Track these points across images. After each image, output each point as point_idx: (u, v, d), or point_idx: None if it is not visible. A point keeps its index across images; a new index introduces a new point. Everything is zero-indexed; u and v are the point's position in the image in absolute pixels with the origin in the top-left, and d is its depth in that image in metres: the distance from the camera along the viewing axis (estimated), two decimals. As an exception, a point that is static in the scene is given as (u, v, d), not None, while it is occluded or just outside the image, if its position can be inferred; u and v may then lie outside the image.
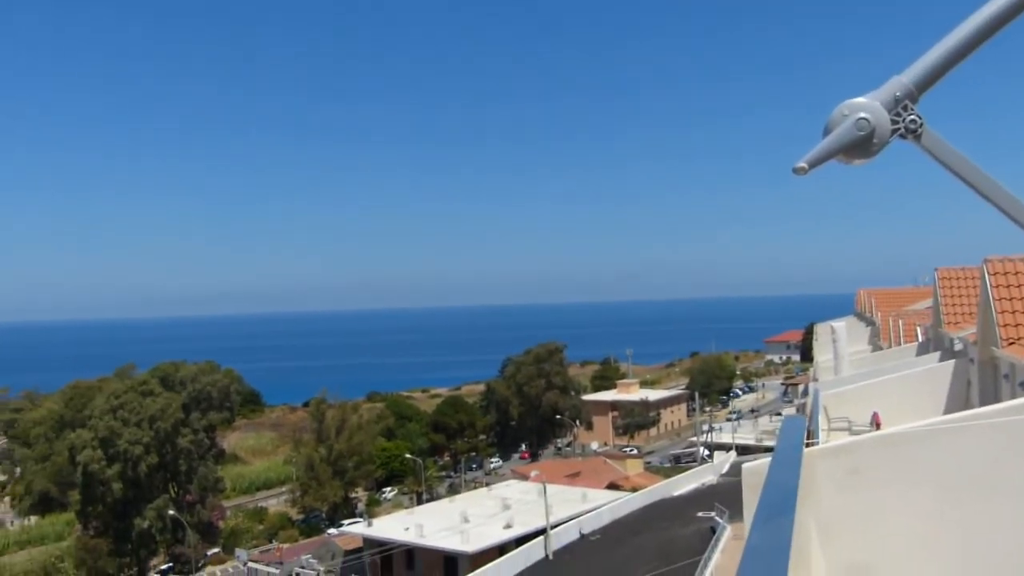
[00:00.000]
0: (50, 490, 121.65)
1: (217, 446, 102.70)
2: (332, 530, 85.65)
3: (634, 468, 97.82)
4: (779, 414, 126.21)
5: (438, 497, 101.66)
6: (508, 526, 60.95)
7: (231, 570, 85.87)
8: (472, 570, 50.11)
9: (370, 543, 65.55)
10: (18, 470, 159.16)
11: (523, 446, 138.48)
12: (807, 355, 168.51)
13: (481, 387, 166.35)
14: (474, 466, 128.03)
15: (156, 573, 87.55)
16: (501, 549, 56.99)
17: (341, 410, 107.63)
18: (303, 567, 71.58)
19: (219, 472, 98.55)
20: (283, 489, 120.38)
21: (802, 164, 4.82)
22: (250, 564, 78.75)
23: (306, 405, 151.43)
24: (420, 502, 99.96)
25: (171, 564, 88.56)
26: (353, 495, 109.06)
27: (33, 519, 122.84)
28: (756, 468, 5.24)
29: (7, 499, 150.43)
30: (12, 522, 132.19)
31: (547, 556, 51.99)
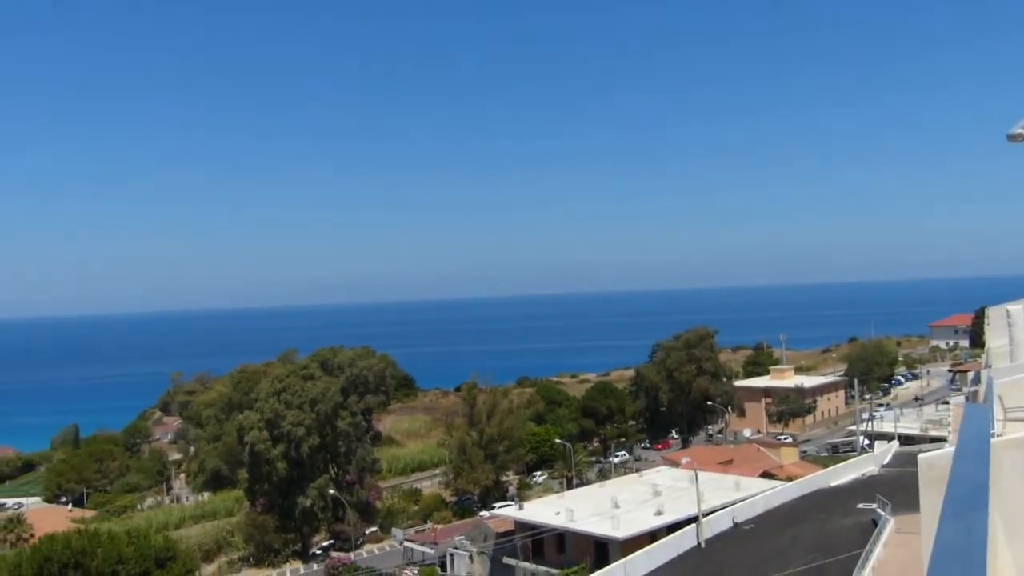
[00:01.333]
0: (221, 468, 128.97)
1: (374, 428, 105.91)
2: (484, 512, 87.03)
3: (789, 456, 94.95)
4: (946, 403, 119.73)
5: (588, 482, 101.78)
6: (659, 513, 60.29)
7: (388, 548, 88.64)
8: (623, 556, 49.86)
9: (521, 526, 66.21)
10: (192, 449, 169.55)
11: (672, 432, 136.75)
12: (977, 340, 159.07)
13: (630, 373, 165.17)
14: (623, 452, 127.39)
15: (318, 549, 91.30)
16: (652, 536, 56.45)
17: (492, 395, 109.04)
18: (456, 548, 73.06)
19: (376, 454, 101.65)
20: (436, 471, 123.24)
21: (1018, 130, 4.45)
22: (406, 543, 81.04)
23: (458, 390, 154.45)
24: (570, 487, 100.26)
25: (332, 541, 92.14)
26: (504, 478, 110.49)
27: (206, 495, 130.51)
28: (935, 459, 4.84)
29: (183, 476, 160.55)
30: (187, 497, 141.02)
31: (699, 544, 51.13)
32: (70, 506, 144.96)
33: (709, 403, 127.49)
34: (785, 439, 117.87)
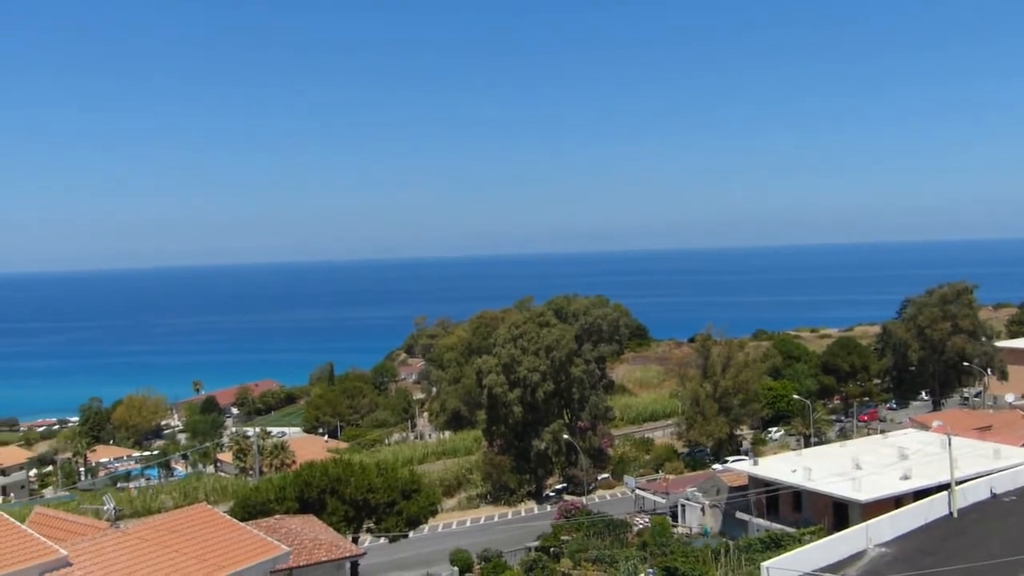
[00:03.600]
0: (460, 409, 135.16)
1: (607, 377, 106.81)
2: (717, 466, 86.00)
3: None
4: None
5: (827, 441, 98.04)
6: (905, 477, 57.06)
7: (619, 495, 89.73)
8: (865, 519, 47.71)
9: (755, 481, 64.85)
10: (434, 389, 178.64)
11: (923, 393, 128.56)
12: None
13: (876, 328, 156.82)
14: (893, 406, 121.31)
15: (551, 491, 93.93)
16: (897, 501, 53.61)
17: (727, 347, 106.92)
18: (688, 499, 72.81)
19: (608, 401, 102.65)
20: (669, 422, 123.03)
21: None
22: (637, 491, 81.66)
23: (691, 340, 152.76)
24: (807, 444, 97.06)
25: (565, 484, 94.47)
26: (738, 432, 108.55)
27: (447, 434, 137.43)
28: None
29: (425, 415, 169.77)
30: (430, 435, 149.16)
31: (951, 513, 48.03)
32: (326, 437, 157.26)
33: (965, 364, 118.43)
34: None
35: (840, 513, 56.41)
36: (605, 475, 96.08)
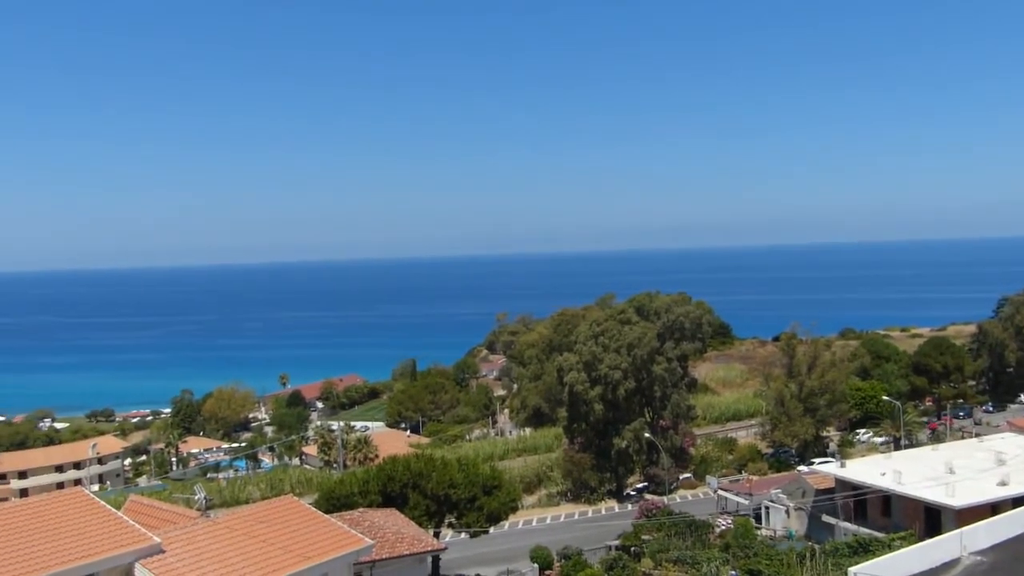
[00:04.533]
0: (541, 406, 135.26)
1: (689, 375, 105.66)
2: (802, 467, 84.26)
3: None
4: None
5: (918, 444, 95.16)
6: (1003, 483, 54.95)
7: (701, 495, 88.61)
8: (959, 526, 46.10)
9: (843, 484, 63.28)
10: (515, 386, 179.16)
11: (1021, 396, 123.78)
12: None
13: (971, 328, 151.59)
14: (961, 414, 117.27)
15: (632, 490, 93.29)
16: (993, 508, 51.66)
17: (813, 346, 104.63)
18: (773, 501, 71.46)
19: (691, 400, 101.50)
20: (752, 422, 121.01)
21: None
22: (720, 492, 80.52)
23: (776, 339, 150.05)
24: (898, 447, 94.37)
25: (646, 484, 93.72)
26: (824, 434, 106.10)
27: (527, 430, 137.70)
28: None
29: (506, 411, 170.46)
30: (510, 431, 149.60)
31: (1052, 522, 46.03)
32: (408, 432, 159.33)
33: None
34: None
35: (932, 519, 54.64)
36: (687, 475, 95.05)
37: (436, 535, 54.72)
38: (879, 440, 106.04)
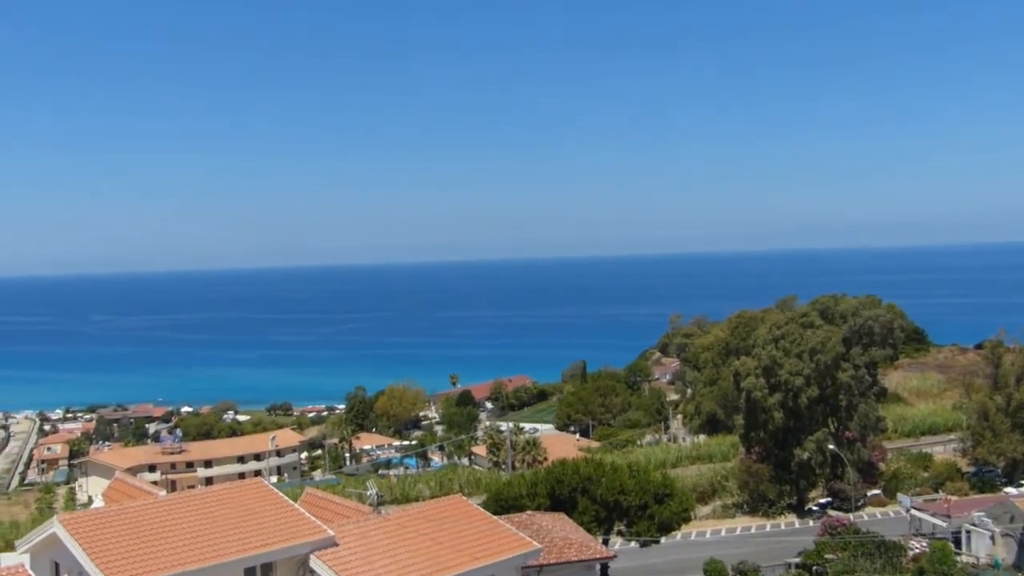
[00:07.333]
0: (716, 412, 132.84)
1: (878, 384, 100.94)
2: (1010, 489, 79.02)
3: None
4: None
5: None
6: None
7: (892, 514, 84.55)
8: None
9: (1057, 509, 58.91)
10: (689, 391, 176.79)
11: None
12: None
13: None
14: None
15: (814, 505, 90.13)
16: None
17: (1022, 355, 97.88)
18: (975, 525, 67.29)
19: (880, 411, 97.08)
20: (950, 436, 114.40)
21: None
22: (913, 511, 76.56)
23: (979, 347, 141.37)
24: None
25: (830, 499, 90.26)
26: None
27: (701, 437, 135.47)
28: None
29: (679, 417, 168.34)
30: (684, 438, 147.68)
31: None
32: (577, 435, 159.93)
33: None
34: None
35: None
36: (875, 491, 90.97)
37: (605, 542, 54.62)
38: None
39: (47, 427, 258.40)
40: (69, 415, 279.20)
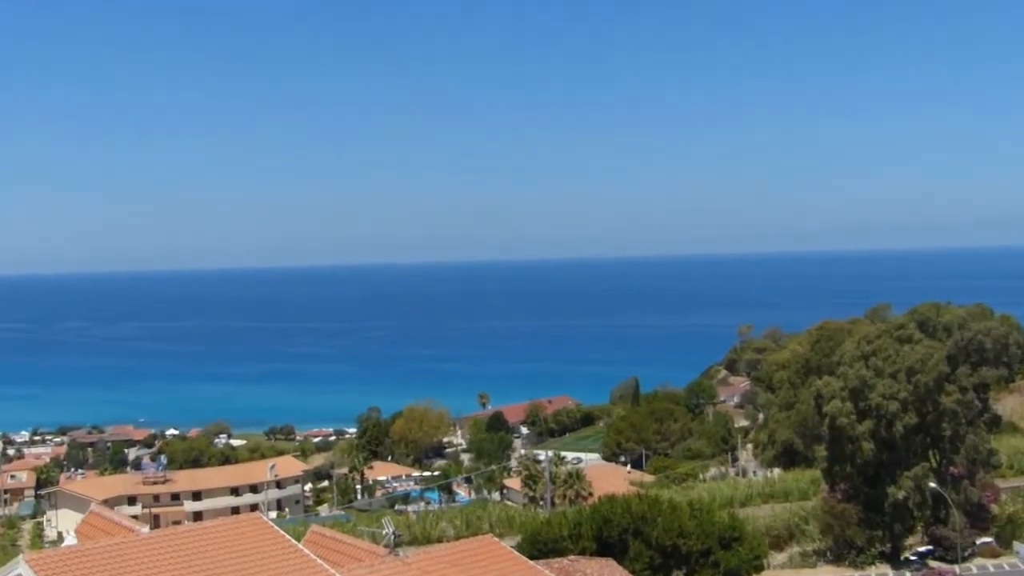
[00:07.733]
0: (794, 442, 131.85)
1: (990, 410, 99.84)
2: None
3: None
4: None
5: None
6: None
7: (1007, 567, 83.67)
8: None
9: None
10: (761, 416, 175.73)
11: None
12: None
13: None
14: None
15: (912, 554, 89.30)
16: None
17: None
18: (1104, 579, 66.42)
19: (993, 443, 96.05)
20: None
21: None
22: (1031, 562, 75.78)
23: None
24: None
25: (931, 547, 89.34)
26: None
27: (776, 471, 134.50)
28: None
29: (749, 446, 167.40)
30: (755, 472, 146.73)
31: None
32: (628, 467, 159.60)
33: None
34: None
35: None
36: (987, 539, 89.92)
37: (662, 594, 54.52)
38: None
39: (11, 451, 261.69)
40: (36, 438, 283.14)
